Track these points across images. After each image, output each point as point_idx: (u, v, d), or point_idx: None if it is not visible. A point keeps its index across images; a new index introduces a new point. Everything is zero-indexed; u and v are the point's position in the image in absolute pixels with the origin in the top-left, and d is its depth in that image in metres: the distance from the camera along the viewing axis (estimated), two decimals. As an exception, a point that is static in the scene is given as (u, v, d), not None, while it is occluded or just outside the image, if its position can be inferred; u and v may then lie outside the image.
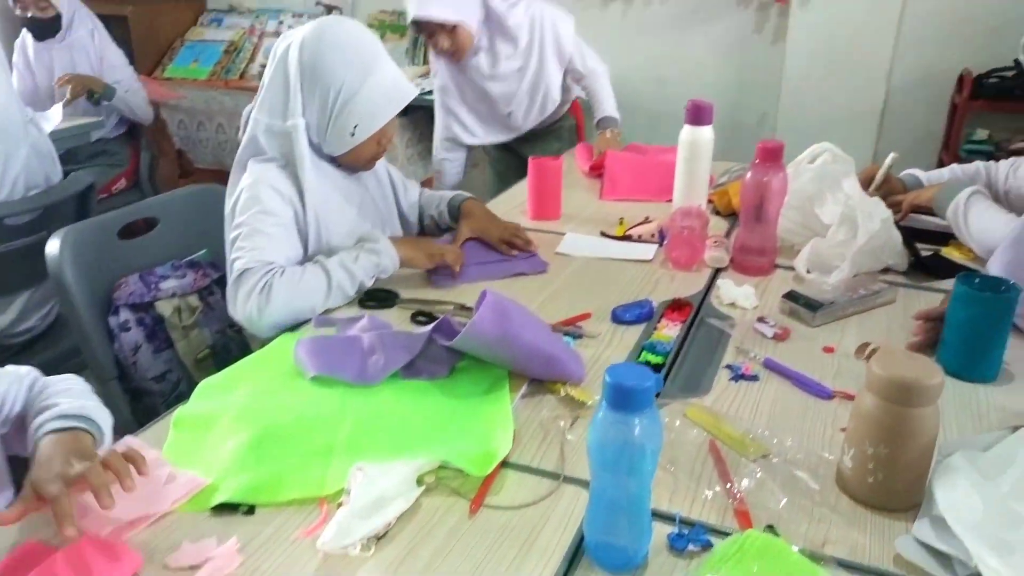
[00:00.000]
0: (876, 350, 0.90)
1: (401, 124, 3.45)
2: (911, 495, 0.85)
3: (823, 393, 1.08)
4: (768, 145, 1.43)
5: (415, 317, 1.31)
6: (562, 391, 1.07)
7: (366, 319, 1.20)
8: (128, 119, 3.20)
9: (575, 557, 0.79)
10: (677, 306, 1.35)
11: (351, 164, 1.48)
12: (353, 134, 1.38)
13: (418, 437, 0.95)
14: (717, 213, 1.86)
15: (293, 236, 1.39)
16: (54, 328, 2.06)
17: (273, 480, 0.87)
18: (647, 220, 1.75)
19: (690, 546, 0.79)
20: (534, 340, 1.06)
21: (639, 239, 1.69)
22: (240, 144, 1.46)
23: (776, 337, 1.24)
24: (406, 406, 1.02)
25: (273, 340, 1.25)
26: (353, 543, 0.78)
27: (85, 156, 3.04)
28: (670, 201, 1.81)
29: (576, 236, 1.72)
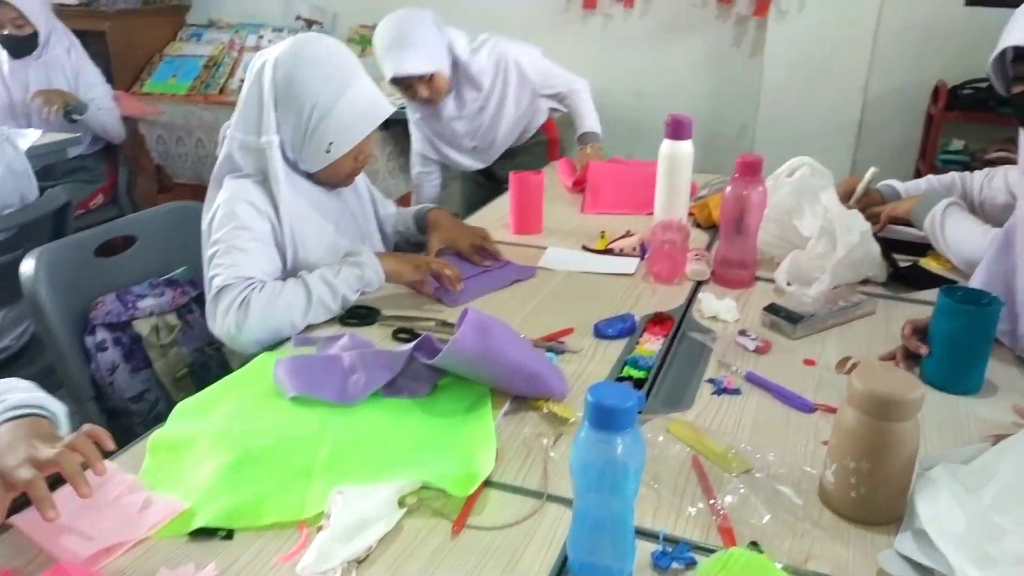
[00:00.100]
0: (857, 364, 0.90)
1: (382, 137, 3.44)
2: (893, 509, 0.85)
3: (805, 406, 1.08)
4: (747, 159, 1.44)
5: (397, 334, 1.30)
6: (545, 408, 1.06)
7: (347, 337, 1.19)
8: (103, 135, 3.17)
9: (559, 577, 0.79)
10: (659, 320, 1.36)
11: (329, 180, 1.47)
12: (329, 151, 1.38)
13: (399, 458, 0.94)
14: (698, 226, 1.87)
15: (271, 251, 1.38)
16: (29, 348, 2.03)
17: (252, 504, 0.86)
18: (628, 234, 1.75)
19: (674, 564, 0.79)
20: (516, 357, 1.06)
21: (620, 253, 1.69)
22: (217, 160, 1.45)
23: (758, 350, 1.25)
24: (387, 426, 1.01)
25: (252, 359, 1.23)
26: (333, 568, 0.77)
27: (62, 172, 3.01)
28: (651, 214, 1.81)
29: (558, 250, 1.72)
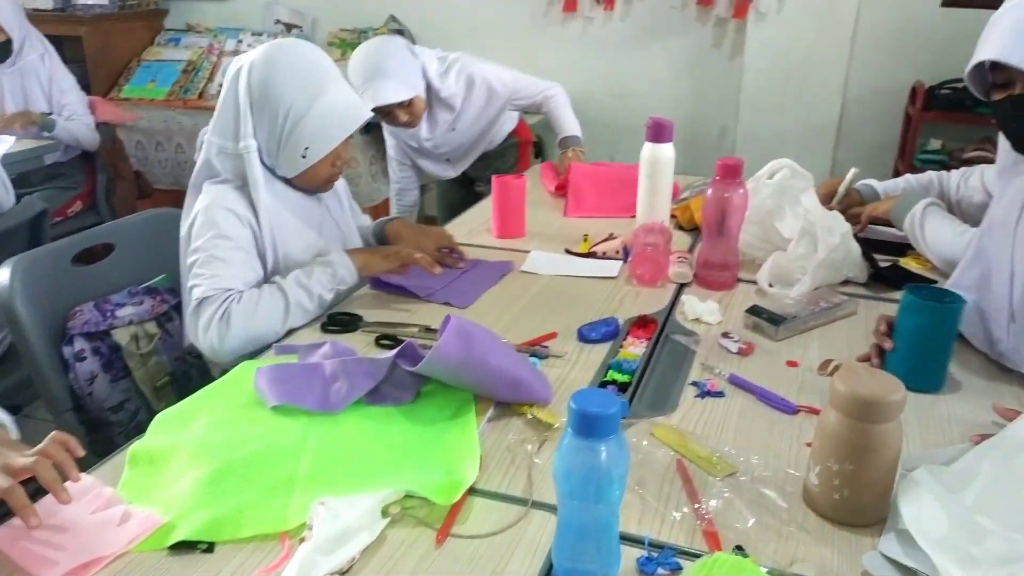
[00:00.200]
0: (839, 367, 0.91)
1: (363, 142, 3.43)
2: (877, 510, 0.85)
3: (788, 408, 1.09)
4: (728, 162, 1.45)
5: (379, 341, 1.29)
6: (529, 413, 1.06)
7: (328, 345, 1.18)
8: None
9: (544, 585, 0.78)
10: (642, 323, 1.36)
11: (307, 186, 1.46)
12: (304, 156, 1.37)
13: (383, 467, 0.94)
14: (680, 228, 1.87)
15: (251, 258, 1.37)
16: (6, 359, 1.99)
17: (233, 516, 0.85)
18: (611, 237, 1.75)
19: (660, 570, 0.79)
20: (499, 363, 1.05)
21: (603, 256, 1.69)
22: (195, 166, 1.44)
23: (740, 352, 1.25)
24: (370, 434, 1.00)
25: (233, 367, 1.22)
26: (317, 579, 0.76)
27: (39, 179, 2.98)
28: (634, 217, 1.82)
29: (541, 254, 1.72)
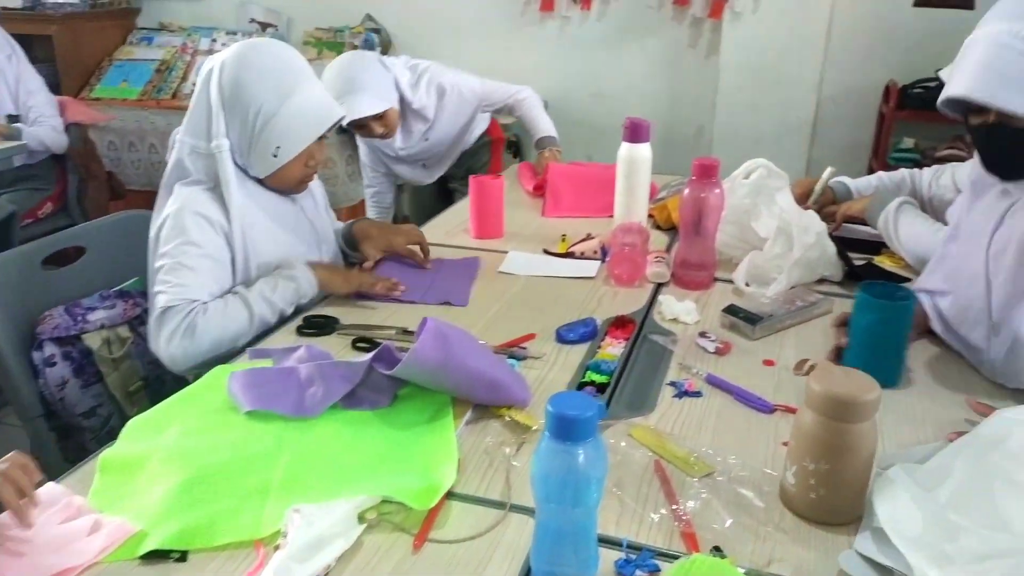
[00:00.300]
0: (814, 366, 0.91)
1: (340, 142, 3.40)
2: (853, 509, 0.86)
3: (764, 407, 1.09)
4: (704, 162, 1.45)
5: (356, 344, 1.28)
6: (507, 416, 1.05)
7: (303, 349, 1.17)
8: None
9: (523, 589, 0.78)
10: (620, 323, 1.36)
11: (279, 186, 1.45)
12: (276, 155, 1.36)
13: (359, 472, 0.93)
14: (658, 227, 1.88)
15: (219, 267, 1.35)
16: (-25, 364, 1.95)
17: (206, 524, 0.84)
18: (589, 237, 1.75)
19: (637, 572, 0.79)
20: (477, 365, 1.05)
21: (582, 256, 1.69)
22: (167, 166, 1.42)
23: (718, 352, 1.25)
24: (346, 439, 0.99)
25: (207, 371, 1.20)
26: (292, 588, 0.75)
27: (9, 181, 2.92)
28: (611, 217, 1.82)
29: (519, 254, 1.71)
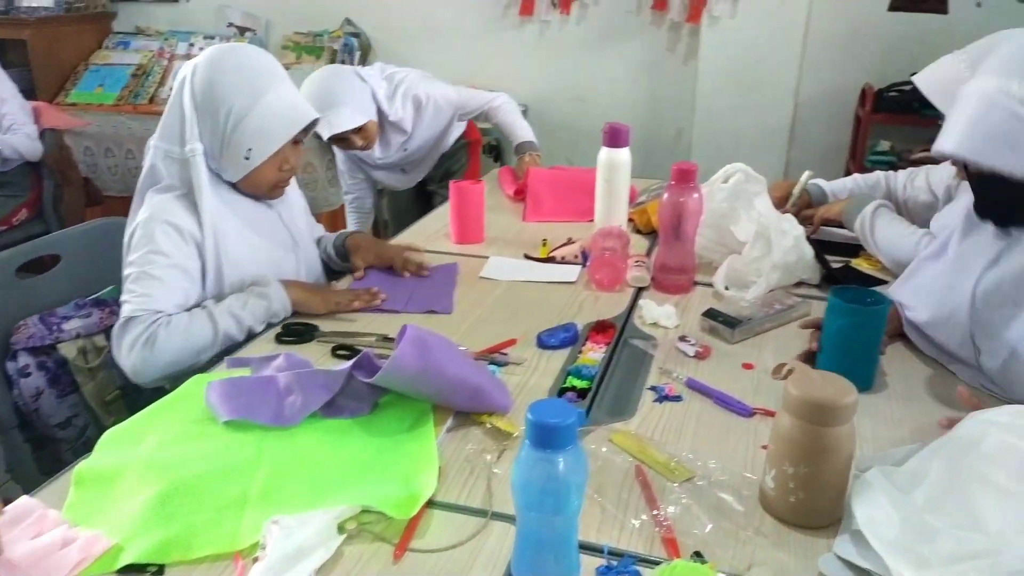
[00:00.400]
0: (792, 371, 0.92)
1: (319, 147, 3.38)
2: (832, 512, 0.86)
3: (744, 411, 1.10)
4: (682, 167, 1.46)
5: (336, 351, 1.27)
6: (488, 423, 1.05)
7: (282, 357, 1.16)
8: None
9: (504, 598, 0.78)
10: (601, 328, 1.36)
11: (253, 191, 1.43)
12: (248, 157, 1.34)
13: (339, 481, 0.92)
14: (638, 231, 1.89)
15: (187, 278, 1.33)
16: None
17: (184, 536, 0.83)
18: (570, 241, 1.76)
19: (619, 578, 0.79)
20: (458, 372, 1.04)
21: (562, 260, 1.69)
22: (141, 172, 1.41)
23: (697, 356, 1.26)
24: (326, 448, 0.98)
25: (185, 380, 1.19)
26: (271, 600, 0.75)
27: (-18, 187, 2.89)
28: (592, 221, 1.82)
29: (500, 260, 1.71)
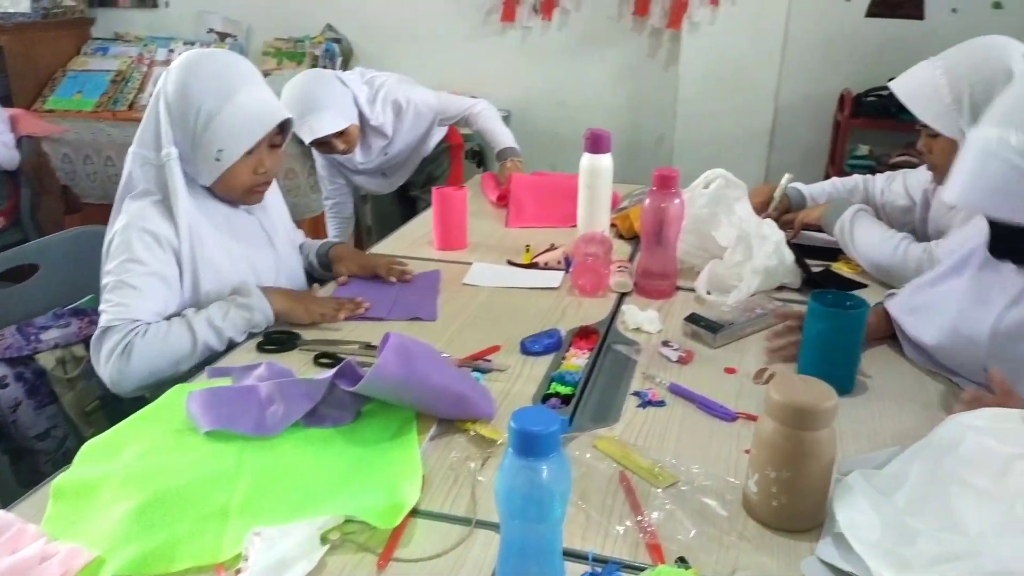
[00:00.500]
0: (773, 375, 0.92)
1: (301, 153, 3.36)
2: (815, 515, 0.87)
3: (727, 416, 1.10)
4: (663, 173, 1.47)
5: (318, 359, 1.27)
6: (472, 430, 1.05)
7: (264, 366, 1.15)
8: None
9: (489, 606, 0.78)
10: (584, 334, 1.36)
11: (228, 196, 1.41)
12: (219, 159, 1.33)
13: (322, 491, 0.91)
14: (620, 237, 1.89)
15: (165, 285, 1.32)
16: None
17: (165, 548, 0.82)
18: (553, 247, 1.76)
19: (604, 585, 0.79)
20: (441, 380, 1.04)
21: (545, 266, 1.69)
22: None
23: (680, 360, 1.26)
24: (308, 458, 0.98)
25: (166, 390, 1.18)
26: (254, 612, 0.74)
27: (-42, 196, 2.85)
28: (575, 227, 1.83)
29: (483, 266, 1.71)
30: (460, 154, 2.78)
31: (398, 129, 2.40)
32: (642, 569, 0.80)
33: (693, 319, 1.36)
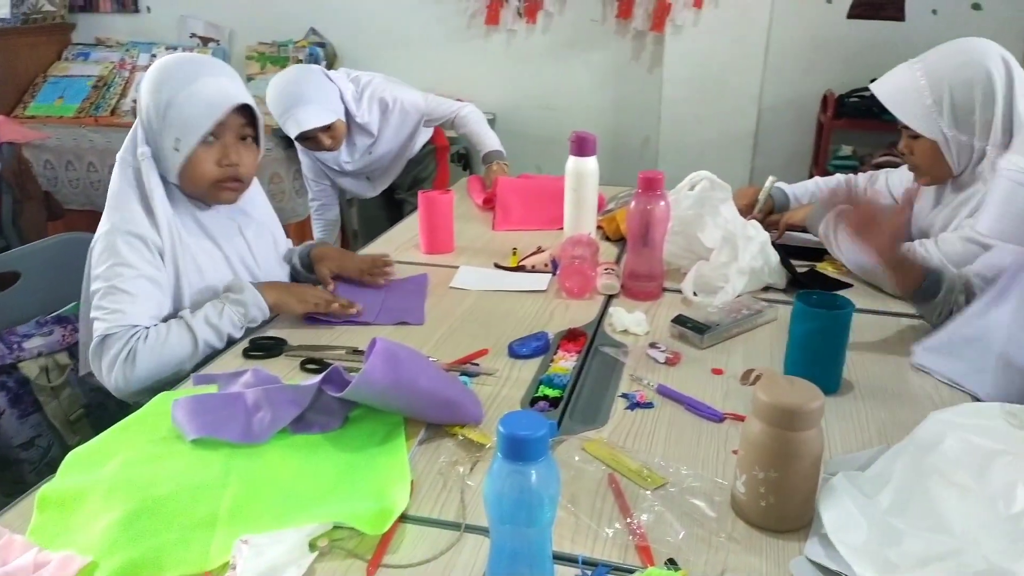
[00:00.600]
0: (760, 376, 0.93)
1: (287, 156, 3.36)
2: (803, 515, 0.87)
3: (714, 416, 1.11)
4: (648, 175, 1.47)
5: (305, 365, 1.26)
6: (460, 434, 1.05)
7: (250, 373, 1.14)
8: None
9: (479, 611, 0.78)
10: (572, 336, 1.36)
11: (196, 191, 1.37)
12: (177, 148, 1.31)
13: (310, 498, 0.91)
14: (607, 239, 1.90)
15: (156, 286, 1.31)
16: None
17: (153, 557, 0.81)
18: (540, 250, 1.76)
19: (594, 588, 0.79)
20: (429, 385, 1.04)
21: (533, 269, 1.69)
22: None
23: (668, 362, 1.27)
24: (296, 465, 0.97)
25: (151, 397, 1.17)
26: (242, 621, 0.74)
27: (-62, 203, 2.82)
28: (561, 229, 1.83)
29: (470, 269, 1.71)
30: (446, 156, 2.78)
31: (384, 128, 2.39)
32: (632, 571, 0.80)
33: (680, 320, 1.36)
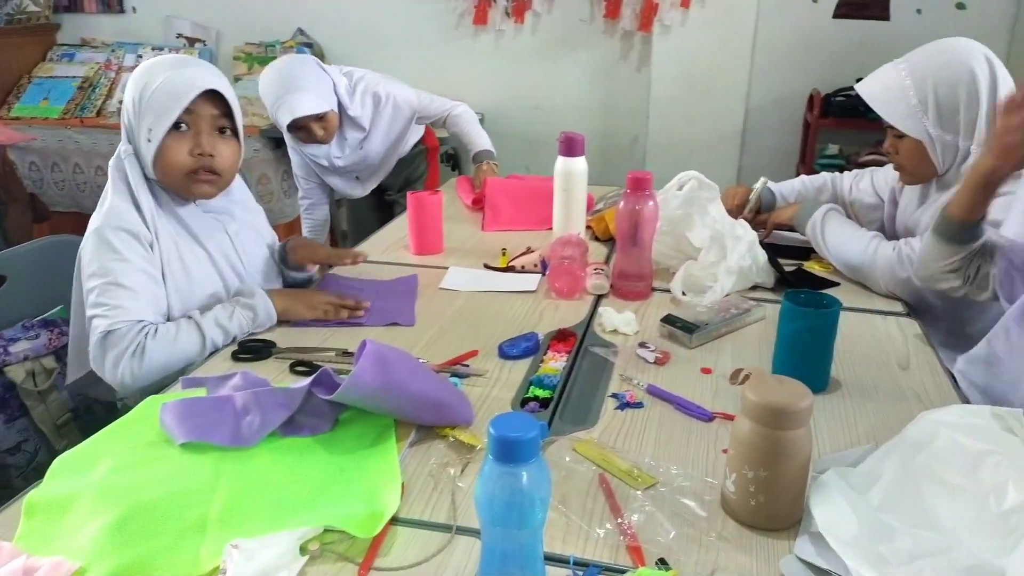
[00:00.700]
0: (749, 376, 0.93)
1: (275, 157, 3.35)
2: (792, 514, 0.88)
3: (704, 416, 1.11)
4: (636, 175, 1.47)
5: (294, 368, 1.26)
6: (451, 436, 1.04)
7: (239, 376, 1.14)
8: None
9: (471, 613, 0.77)
10: (562, 337, 1.36)
11: (172, 184, 1.35)
12: (150, 139, 1.30)
13: (300, 502, 0.91)
14: (596, 239, 1.90)
15: (153, 280, 1.30)
16: None
17: (142, 562, 0.80)
18: (529, 250, 1.76)
19: (585, 589, 0.79)
20: (419, 387, 1.04)
21: (522, 270, 1.70)
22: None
23: (657, 362, 1.27)
24: (286, 468, 0.97)
25: (140, 401, 1.16)
26: (233, 626, 0.73)
27: (-79, 206, 2.79)
28: (551, 229, 1.83)
29: (460, 270, 1.71)
30: (436, 156, 2.77)
31: (376, 122, 2.37)
32: (623, 572, 0.80)
33: (669, 320, 1.37)
